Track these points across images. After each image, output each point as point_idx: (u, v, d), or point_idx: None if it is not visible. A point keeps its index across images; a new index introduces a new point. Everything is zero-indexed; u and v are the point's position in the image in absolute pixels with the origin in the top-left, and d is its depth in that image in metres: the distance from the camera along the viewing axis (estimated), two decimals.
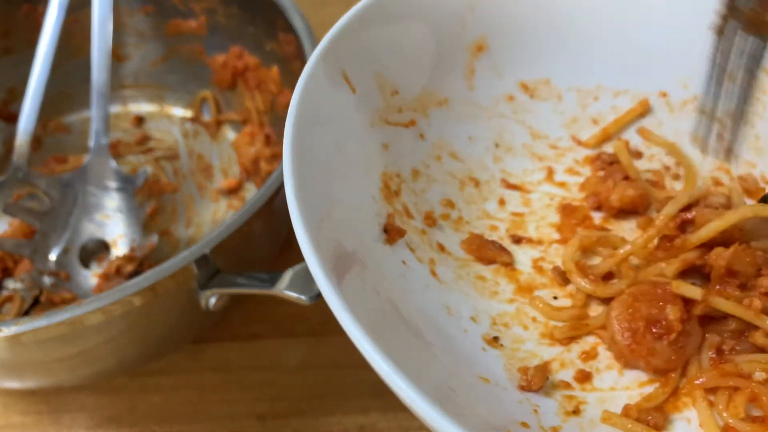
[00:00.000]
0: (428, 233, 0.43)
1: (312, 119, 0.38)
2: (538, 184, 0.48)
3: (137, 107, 0.74)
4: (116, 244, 0.61)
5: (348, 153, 0.41)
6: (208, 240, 0.47)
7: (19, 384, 0.53)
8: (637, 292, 0.40)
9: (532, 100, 0.50)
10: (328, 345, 0.59)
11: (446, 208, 0.44)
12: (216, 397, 0.56)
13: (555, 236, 0.46)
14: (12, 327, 0.43)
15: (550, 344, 0.41)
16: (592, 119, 0.50)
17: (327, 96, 0.40)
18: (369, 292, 0.37)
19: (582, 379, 0.39)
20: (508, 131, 0.49)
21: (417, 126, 0.45)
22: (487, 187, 0.47)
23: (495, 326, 0.41)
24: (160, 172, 0.69)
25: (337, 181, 0.39)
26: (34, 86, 0.61)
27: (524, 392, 0.38)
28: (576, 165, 0.49)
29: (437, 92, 0.46)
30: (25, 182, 0.61)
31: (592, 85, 0.50)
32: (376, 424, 0.55)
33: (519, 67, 0.50)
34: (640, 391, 0.39)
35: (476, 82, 0.48)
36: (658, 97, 0.50)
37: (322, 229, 0.36)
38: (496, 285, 0.43)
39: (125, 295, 0.44)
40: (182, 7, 0.68)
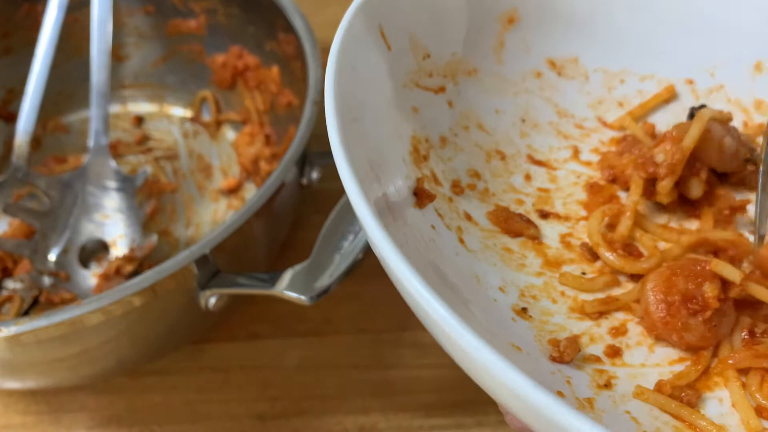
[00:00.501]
0: (455, 201, 0.43)
1: (351, 70, 0.38)
2: (564, 161, 0.48)
3: (137, 107, 0.74)
4: (116, 245, 0.61)
5: (382, 110, 0.41)
6: (207, 240, 0.46)
7: (19, 384, 0.53)
8: (676, 266, 0.40)
9: (559, 78, 0.50)
10: (328, 345, 0.59)
11: (473, 178, 0.45)
12: (216, 397, 0.56)
13: (582, 213, 0.45)
14: (12, 327, 0.42)
15: (579, 318, 0.40)
16: (617, 102, 0.50)
17: (364, 48, 0.40)
18: (410, 247, 0.36)
19: (612, 354, 0.39)
20: (535, 107, 0.49)
21: (446, 93, 0.45)
22: (513, 162, 0.47)
23: (523, 298, 0.41)
24: (160, 172, 0.69)
25: (375, 136, 0.39)
26: (33, 86, 0.61)
27: (556, 363, 0.37)
28: (601, 146, 0.49)
29: (467, 61, 0.46)
30: (25, 182, 0.61)
31: (619, 67, 0.51)
32: (376, 424, 0.55)
33: (548, 43, 0.50)
34: (670, 368, 0.38)
35: (505, 55, 0.48)
36: (684, 84, 0.50)
37: (367, 173, 0.36)
38: (524, 258, 0.43)
39: (125, 296, 0.44)
40: (182, 7, 0.68)
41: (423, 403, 0.56)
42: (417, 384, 0.57)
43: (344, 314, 0.60)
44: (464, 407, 0.55)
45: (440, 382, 0.57)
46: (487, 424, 0.55)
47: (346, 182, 0.33)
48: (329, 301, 0.48)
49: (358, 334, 0.59)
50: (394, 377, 0.57)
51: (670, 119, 0.50)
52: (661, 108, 0.50)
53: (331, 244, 0.47)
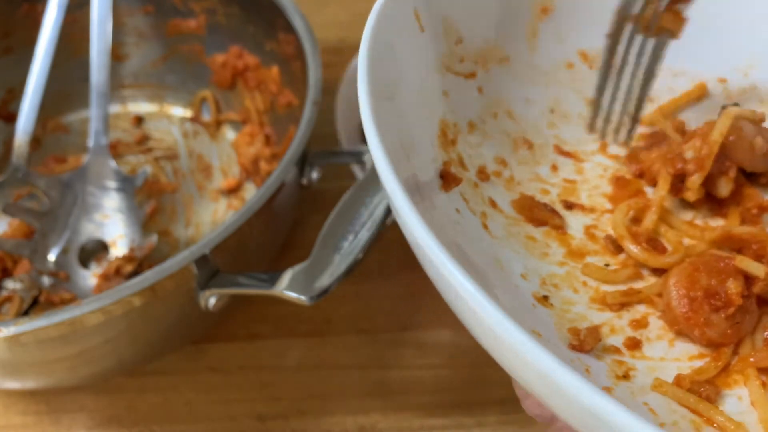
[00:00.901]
0: (480, 187, 0.43)
1: (385, 48, 0.38)
2: (591, 154, 0.48)
3: (137, 107, 0.74)
4: (116, 245, 0.61)
5: (413, 92, 0.41)
6: (207, 240, 0.46)
7: (18, 384, 0.53)
8: (699, 262, 0.40)
9: (591, 71, 0.50)
10: (328, 345, 0.59)
11: (499, 165, 0.45)
12: (216, 397, 0.56)
13: (607, 206, 0.45)
14: (11, 327, 0.42)
15: (600, 309, 0.40)
16: (648, 97, 0.50)
17: (398, 28, 0.40)
18: (437, 228, 0.36)
19: (632, 346, 0.39)
20: (565, 99, 0.49)
21: (477, 79, 0.45)
22: (540, 151, 0.47)
23: (545, 286, 0.41)
24: (160, 172, 0.69)
25: (405, 117, 0.39)
26: (33, 86, 0.61)
27: (575, 352, 0.37)
28: (630, 140, 0.49)
29: (499, 48, 0.47)
30: (25, 182, 0.61)
31: None
32: (376, 425, 0.55)
33: (581, 34, 0.50)
34: (690, 364, 0.38)
35: (538, 44, 0.48)
36: (716, 83, 0.50)
37: (398, 153, 0.36)
38: (547, 247, 0.43)
39: (125, 296, 0.44)
40: (182, 6, 0.68)
41: (423, 403, 0.56)
42: (417, 384, 0.57)
43: (344, 314, 0.60)
44: (464, 407, 0.55)
45: (440, 382, 0.57)
46: (487, 424, 0.55)
47: (377, 158, 0.33)
48: (329, 301, 0.48)
49: (358, 334, 0.59)
50: (394, 377, 0.57)
51: (700, 117, 0.49)
52: (692, 105, 0.50)
53: (331, 244, 0.47)
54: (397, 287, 0.60)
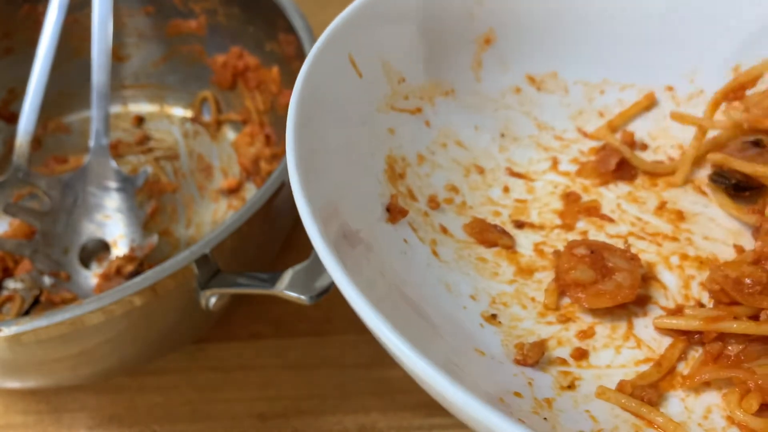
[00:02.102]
0: (431, 215, 0.44)
1: (317, 99, 0.39)
2: (542, 173, 0.48)
3: (137, 107, 0.74)
4: (116, 244, 0.61)
5: (353, 134, 0.42)
6: (208, 240, 0.47)
7: (19, 384, 0.53)
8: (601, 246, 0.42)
9: (539, 93, 0.50)
10: (328, 345, 0.59)
11: (450, 192, 0.45)
12: (216, 396, 0.56)
13: (557, 221, 0.46)
14: (12, 327, 0.43)
15: (548, 323, 0.41)
16: (598, 112, 0.51)
17: (333, 78, 0.41)
18: (375, 273, 0.37)
19: (579, 356, 0.40)
20: (515, 122, 0.50)
21: (423, 113, 0.46)
22: (492, 175, 0.48)
23: (494, 305, 0.42)
24: (160, 172, 0.69)
25: (341, 161, 0.40)
26: (34, 86, 0.61)
27: (520, 366, 0.38)
28: (581, 155, 0.50)
29: (444, 82, 0.47)
30: (26, 182, 0.61)
31: (599, 78, 0.51)
32: (376, 424, 0.55)
33: (526, 60, 0.50)
34: (635, 369, 0.39)
35: (483, 74, 0.49)
36: (664, 91, 0.51)
37: (326, 207, 0.37)
38: (497, 266, 0.44)
39: (125, 295, 0.44)
40: (182, 7, 0.68)
41: (423, 403, 0.56)
42: (417, 383, 0.57)
43: (344, 314, 0.60)
44: None
45: None
46: None
47: (305, 221, 0.34)
48: (329, 301, 0.48)
49: (358, 333, 0.59)
50: (394, 376, 0.57)
51: (650, 126, 0.50)
52: (641, 115, 0.51)
53: None
54: None
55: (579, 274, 0.41)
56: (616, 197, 0.48)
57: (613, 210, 0.47)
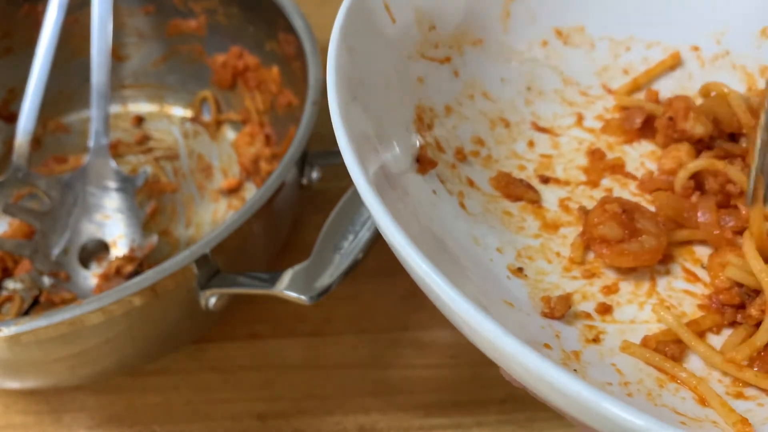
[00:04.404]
0: (458, 167, 0.44)
1: (350, 47, 0.38)
2: (567, 128, 0.49)
3: (137, 107, 0.74)
4: (116, 245, 0.61)
5: (386, 80, 0.42)
6: (208, 240, 0.47)
7: (19, 384, 0.53)
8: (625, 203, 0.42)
9: (565, 47, 0.51)
10: (328, 345, 0.59)
11: (476, 145, 0.46)
12: (216, 396, 0.56)
13: (582, 178, 0.47)
14: (12, 327, 0.43)
15: (573, 278, 0.42)
16: (623, 69, 0.51)
17: (368, 23, 0.41)
18: (410, 216, 0.38)
19: (603, 311, 0.40)
20: (540, 76, 0.50)
21: (452, 63, 0.46)
22: (517, 129, 0.48)
23: (520, 258, 0.42)
24: (160, 172, 0.69)
25: (376, 105, 0.40)
26: (33, 86, 0.61)
27: (546, 319, 0.39)
28: (605, 112, 0.50)
29: (473, 31, 0.47)
30: (25, 182, 0.61)
31: (625, 35, 0.51)
32: (376, 424, 0.55)
33: (554, 12, 0.50)
34: (659, 325, 0.40)
35: (511, 24, 0.49)
36: (689, 51, 0.51)
37: (367, 147, 0.37)
38: (523, 221, 0.44)
39: (125, 295, 0.44)
40: (182, 7, 0.68)
41: (423, 403, 0.56)
42: (417, 384, 0.57)
43: (344, 314, 0.60)
44: (464, 407, 0.55)
45: (440, 382, 0.57)
46: (486, 423, 0.55)
47: (345, 155, 0.34)
48: (329, 301, 0.48)
49: (358, 334, 0.59)
50: (394, 377, 0.57)
51: (674, 86, 0.50)
52: (666, 75, 0.51)
53: (331, 244, 0.48)
54: (397, 287, 0.60)
55: (607, 230, 0.41)
56: (639, 155, 0.48)
57: (637, 168, 0.47)
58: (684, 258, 0.43)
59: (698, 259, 0.43)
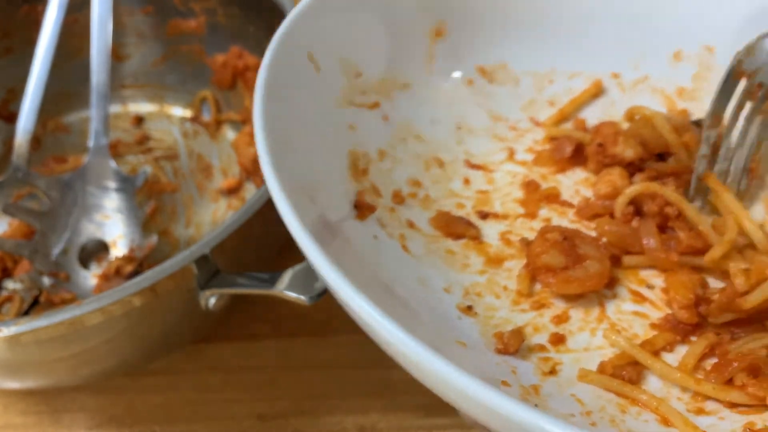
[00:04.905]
0: (397, 210, 0.45)
1: (279, 96, 0.39)
2: (500, 163, 0.49)
3: (137, 107, 0.74)
4: (116, 245, 0.61)
5: (316, 131, 0.42)
6: (207, 240, 0.47)
7: (18, 384, 0.53)
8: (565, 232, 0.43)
9: (490, 84, 0.52)
10: (328, 345, 0.59)
11: (413, 187, 0.46)
12: (216, 397, 0.56)
13: (520, 210, 0.47)
14: (12, 327, 0.43)
15: (522, 310, 0.42)
16: (548, 101, 0.52)
17: (294, 74, 0.41)
18: (354, 264, 0.38)
19: (556, 341, 0.40)
20: (469, 114, 0.51)
21: (381, 108, 0.47)
22: (452, 167, 0.48)
23: (468, 296, 0.42)
24: (160, 172, 0.69)
25: (309, 158, 0.41)
26: (33, 86, 0.61)
27: (501, 355, 0.39)
28: (535, 145, 0.51)
29: (399, 76, 0.48)
30: (25, 182, 0.61)
31: (548, 68, 0.52)
32: (376, 424, 0.55)
33: (476, 51, 0.51)
34: (612, 350, 0.40)
35: (436, 66, 0.50)
36: (610, 78, 0.52)
37: (303, 200, 0.37)
38: (466, 258, 0.44)
39: (125, 296, 0.44)
40: (182, 6, 0.68)
41: (423, 403, 0.56)
42: (417, 384, 0.56)
43: (344, 314, 0.60)
44: None
45: None
46: None
47: (280, 208, 0.34)
48: (329, 301, 0.48)
49: (358, 334, 0.59)
50: (393, 377, 0.57)
51: (599, 113, 0.51)
52: (591, 103, 0.52)
53: None
54: None
55: (550, 258, 0.41)
56: (573, 183, 0.49)
57: (573, 196, 0.48)
58: (629, 280, 0.43)
59: (643, 280, 0.43)
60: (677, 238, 0.43)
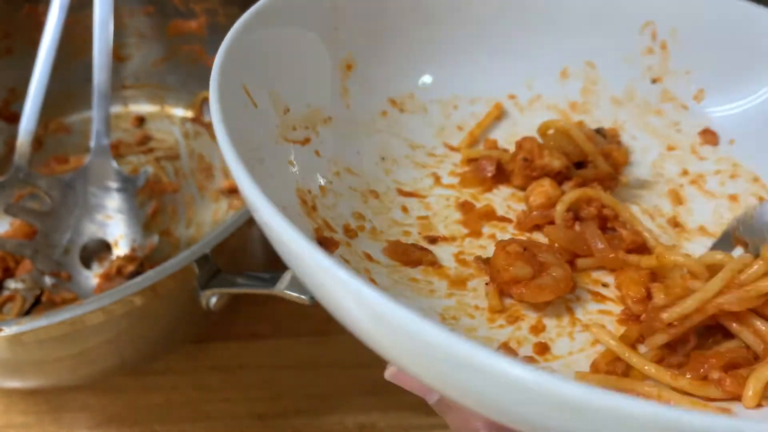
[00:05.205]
0: (353, 245, 0.44)
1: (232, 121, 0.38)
2: (430, 189, 0.50)
3: (138, 107, 0.74)
4: (117, 245, 0.61)
5: (268, 167, 0.42)
6: (208, 240, 0.47)
7: (20, 384, 0.53)
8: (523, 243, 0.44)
9: (402, 114, 0.53)
10: (328, 345, 0.59)
11: (359, 220, 0.46)
12: (216, 396, 0.57)
13: (464, 231, 0.47)
14: (13, 327, 0.43)
15: (500, 326, 0.42)
16: (457, 126, 0.53)
17: (237, 105, 0.41)
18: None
19: (542, 351, 0.40)
20: (390, 145, 0.51)
21: (312, 143, 0.47)
22: (387, 198, 0.49)
23: (445, 321, 0.42)
24: (161, 173, 0.69)
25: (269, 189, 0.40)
26: (35, 86, 0.61)
27: None
28: (456, 168, 0.52)
29: (321, 111, 0.48)
30: (27, 182, 0.61)
31: (450, 95, 0.54)
32: (377, 423, 0.55)
33: (386, 84, 0.52)
34: (594, 349, 0.40)
35: (351, 100, 0.51)
36: (508, 99, 0.55)
37: (292, 215, 0.37)
38: (430, 284, 0.44)
39: (126, 295, 0.44)
40: (183, 7, 0.68)
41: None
42: None
43: None
44: None
45: None
46: None
47: (269, 219, 0.32)
48: None
49: None
50: None
51: (504, 134, 0.54)
52: (495, 125, 0.54)
53: None
54: None
55: (518, 270, 0.41)
56: (503, 200, 0.50)
57: (506, 212, 0.49)
58: (585, 282, 0.44)
59: (597, 280, 0.44)
60: (620, 236, 0.45)
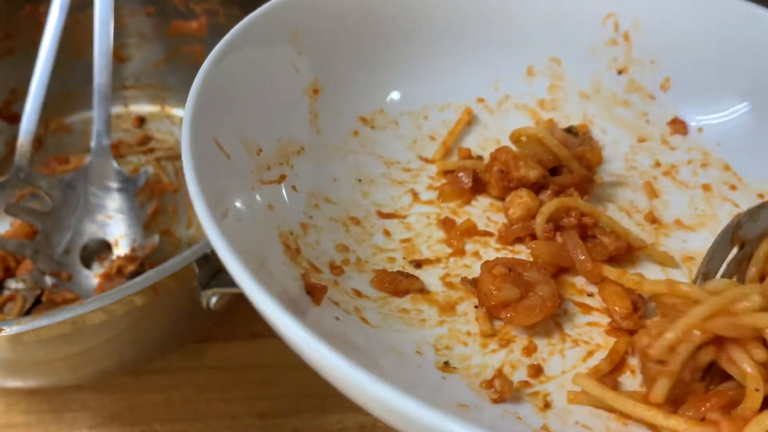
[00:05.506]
0: (340, 283, 0.43)
1: (209, 188, 0.37)
2: (409, 207, 0.49)
3: (138, 108, 0.74)
4: (118, 244, 0.61)
5: (246, 219, 0.41)
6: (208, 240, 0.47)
7: (21, 383, 0.53)
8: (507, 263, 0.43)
9: (374, 131, 0.52)
10: None
11: (343, 253, 0.45)
12: (217, 395, 0.57)
13: (447, 250, 0.47)
14: (14, 326, 0.43)
15: (493, 351, 0.41)
16: (429, 136, 0.53)
17: (210, 160, 0.40)
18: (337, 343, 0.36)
19: (535, 373, 0.40)
20: (365, 165, 0.51)
21: (288, 179, 0.46)
22: (368, 223, 0.48)
23: (439, 352, 0.41)
24: (162, 173, 0.69)
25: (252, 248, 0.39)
26: (35, 87, 0.61)
27: (499, 404, 0.38)
28: (432, 181, 0.51)
29: (292, 141, 0.48)
30: (27, 182, 0.61)
31: (419, 106, 0.54)
32: (377, 423, 0.55)
33: (353, 102, 0.52)
34: (585, 365, 0.40)
35: (322, 124, 0.50)
36: (477, 103, 0.54)
37: (264, 276, 0.36)
38: (420, 312, 0.43)
39: (126, 295, 0.44)
40: (183, 8, 0.68)
41: None
42: None
43: None
44: None
45: None
46: None
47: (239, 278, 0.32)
48: None
49: None
50: None
51: (477, 139, 0.53)
52: (467, 131, 0.54)
53: None
54: None
55: (506, 293, 0.41)
56: (482, 212, 0.49)
57: (487, 224, 0.48)
58: (570, 294, 0.44)
59: (582, 290, 0.44)
60: (602, 243, 0.44)
